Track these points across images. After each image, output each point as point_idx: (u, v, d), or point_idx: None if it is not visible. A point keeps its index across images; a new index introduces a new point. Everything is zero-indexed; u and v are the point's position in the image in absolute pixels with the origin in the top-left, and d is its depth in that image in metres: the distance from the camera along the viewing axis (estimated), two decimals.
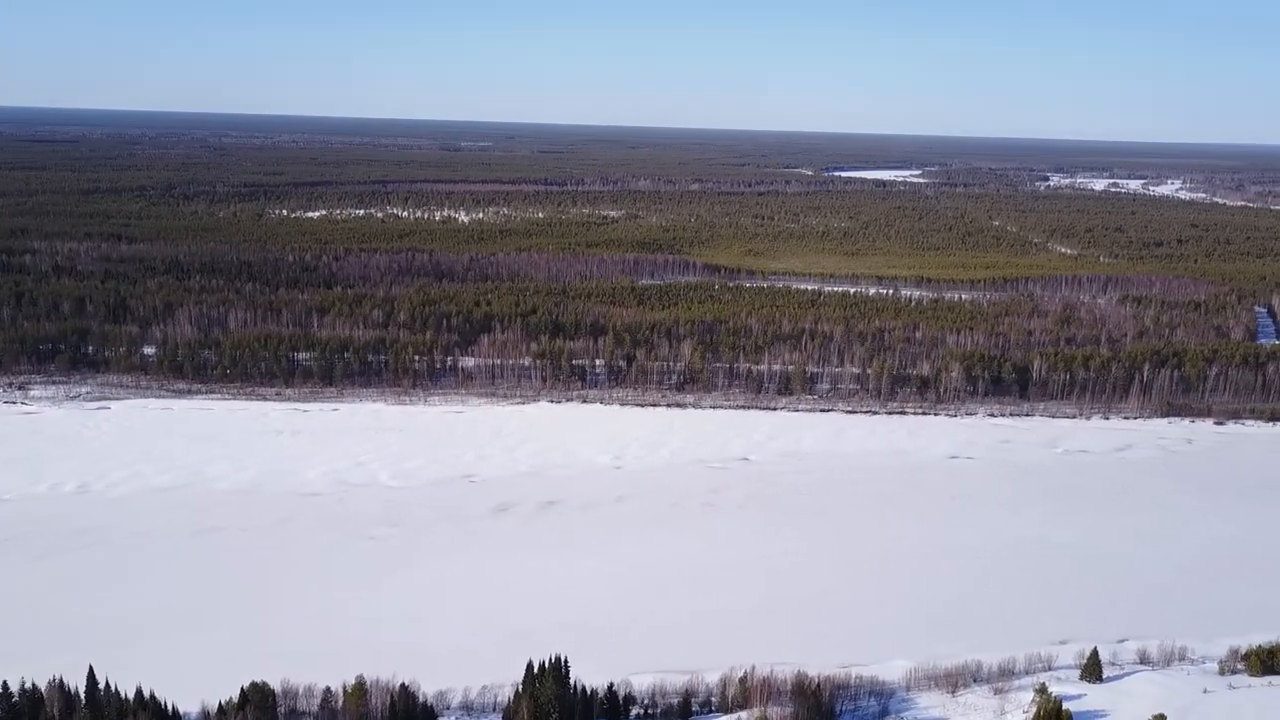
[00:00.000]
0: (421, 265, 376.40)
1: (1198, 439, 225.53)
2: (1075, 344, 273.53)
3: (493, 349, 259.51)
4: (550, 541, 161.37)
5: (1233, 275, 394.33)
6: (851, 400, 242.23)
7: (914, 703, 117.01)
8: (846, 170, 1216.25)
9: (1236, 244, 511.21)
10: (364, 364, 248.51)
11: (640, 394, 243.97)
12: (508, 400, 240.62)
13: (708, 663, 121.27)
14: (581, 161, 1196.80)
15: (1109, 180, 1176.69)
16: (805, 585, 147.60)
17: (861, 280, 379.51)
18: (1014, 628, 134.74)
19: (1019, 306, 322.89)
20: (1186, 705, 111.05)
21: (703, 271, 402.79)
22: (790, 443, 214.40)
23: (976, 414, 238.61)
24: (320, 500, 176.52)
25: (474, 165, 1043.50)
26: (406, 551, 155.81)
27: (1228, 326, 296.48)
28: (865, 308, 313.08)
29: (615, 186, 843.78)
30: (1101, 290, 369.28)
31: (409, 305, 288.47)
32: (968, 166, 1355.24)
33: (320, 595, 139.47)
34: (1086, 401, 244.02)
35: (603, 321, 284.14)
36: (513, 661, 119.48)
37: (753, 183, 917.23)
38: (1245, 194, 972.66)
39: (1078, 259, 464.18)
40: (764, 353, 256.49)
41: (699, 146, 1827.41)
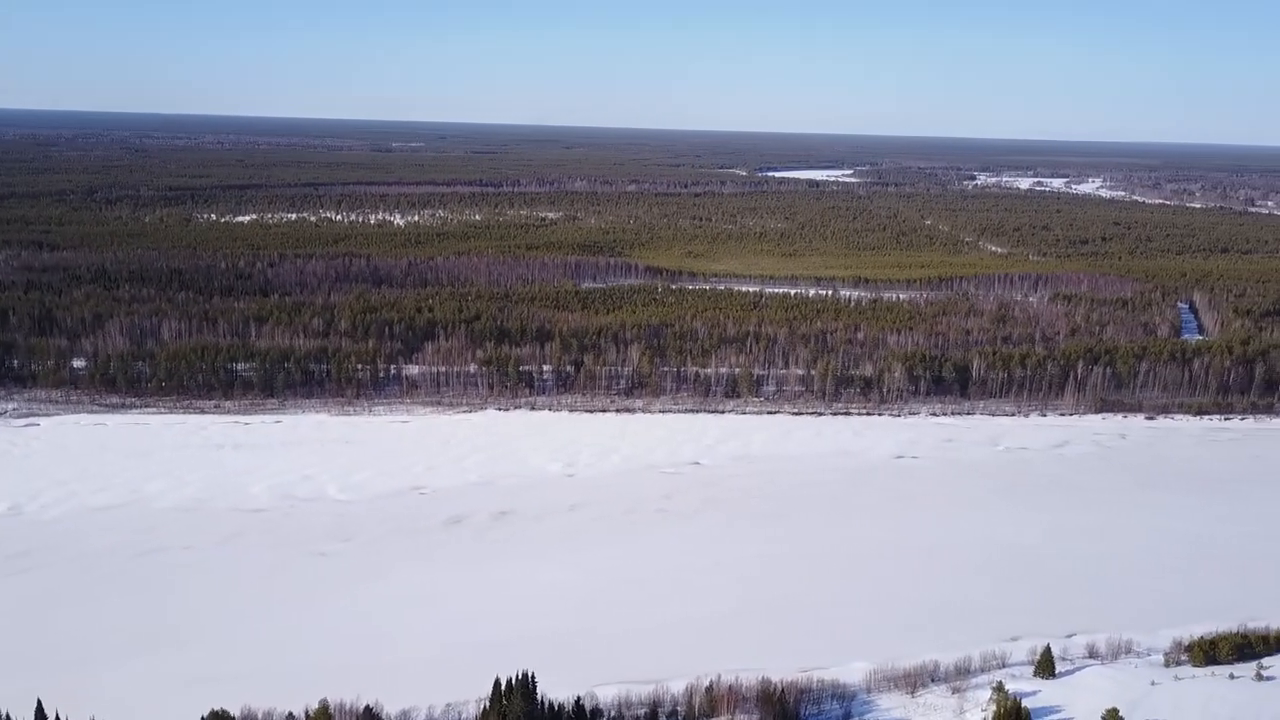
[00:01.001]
0: (359, 271, 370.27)
1: (1131, 434, 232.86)
2: (1012, 343, 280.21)
3: (437, 357, 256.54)
4: (506, 553, 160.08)
5: (1155, 272, 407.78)
6: (797, 402, 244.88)
7: (875, 704, 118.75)
8: (780, 170, 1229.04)
9: (1157, 241, 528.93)
10: (306, 374, 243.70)
11: (589, 400, 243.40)
12: (454, 409, 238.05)
13: (671, 671, 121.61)
14: (516, 162, 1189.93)
15: (1033, 179, 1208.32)
16: (763, 590, 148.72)
17: (801, 281, 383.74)
18: (967, 626, 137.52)
19: (955, 306, 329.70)
20: (1136, 698, 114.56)
21: (645, 274, 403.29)
22: (740, 446, 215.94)
23: (919, 413, 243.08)
24: (267, 516, 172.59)
25: (407, 166, 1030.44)
26: (360, 567, 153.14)
27: (1154, 323, 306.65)
28: (806, 309, 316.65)
29: (552, 188, 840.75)
30: (1033, 288, 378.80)
31: (350, 313, 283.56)
32: (898, 166, 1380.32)
33: (274, 615, 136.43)
34: (1025, 399, 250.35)
35: (548, 326, 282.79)
36: (477, 677, 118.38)
37: (689, 183, 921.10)
38: (1162, 192, 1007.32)
39: (1008, 257, 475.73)
40: (711, 356, 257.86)
41: (634, 146, 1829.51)
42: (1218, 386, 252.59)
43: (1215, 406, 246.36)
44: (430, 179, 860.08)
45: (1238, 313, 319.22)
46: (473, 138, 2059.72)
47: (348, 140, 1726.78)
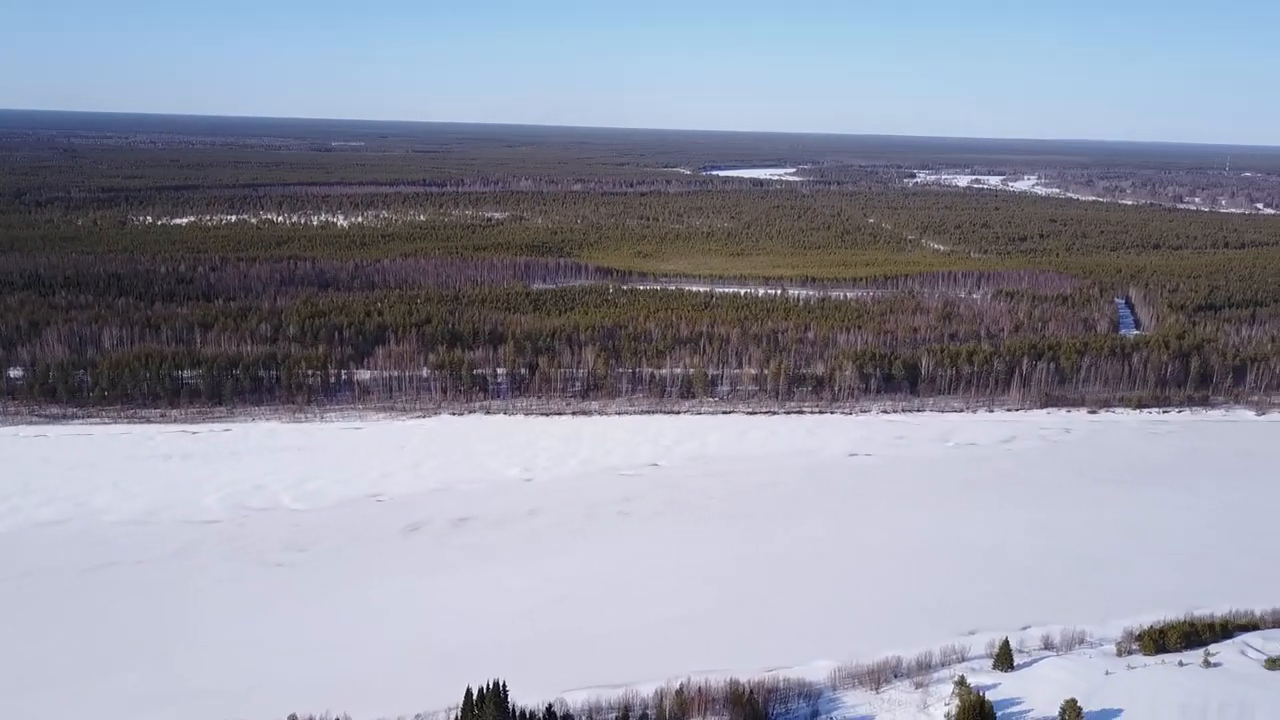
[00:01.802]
0: (305, 274, 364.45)
1: (1075, 428, 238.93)
2: (958, 340, 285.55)
3: (389, 361, 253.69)
4: (467, 560, 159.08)
5: (1092, 269, 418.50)
6: (751, 401, 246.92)
7: (841, 701, 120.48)
8: (723, 169, 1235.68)
9: (1092, 238, 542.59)
10: (254, 381, 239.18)
11: (544, 403, 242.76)
12: (408, 414, 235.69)
13: (639, 675, 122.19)
14: (459, 161, 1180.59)
15: (971, 177, 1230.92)
16: (725, 591, 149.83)
17: (750, 281, 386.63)
18: (927, 621, 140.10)
19: (902, 304, 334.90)
20: (1092, 688, 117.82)
21: (595, 274, 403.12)
22: (697, 446, 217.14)
23: (871, 411, 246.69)
24: (220, 527, 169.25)
25: (348, 166, 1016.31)
26: (320, 577, 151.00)
27: (1094, 319, 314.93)
28: (757, 309, 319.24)
29: (497, 187, 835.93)
30: (976, 286, 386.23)
31: (297, 317, 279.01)
32: (839, 164, 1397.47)
33: (233, 629, 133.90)
34: (972, 395, 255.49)
35: (501, 329, 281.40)
36: (445, 686, 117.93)
37: (634, 182, 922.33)
38: (1095, 189, 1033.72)
39: (950, 255, 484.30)
40: (665, 357, 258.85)
41: (578, 145, 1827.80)
42: (1156, 380, 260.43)
43: (1154, 400, 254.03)
44: (373, 179, 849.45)
45: (1172, 308, 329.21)
46: (414, 136, 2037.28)
47: (286, 139, 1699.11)
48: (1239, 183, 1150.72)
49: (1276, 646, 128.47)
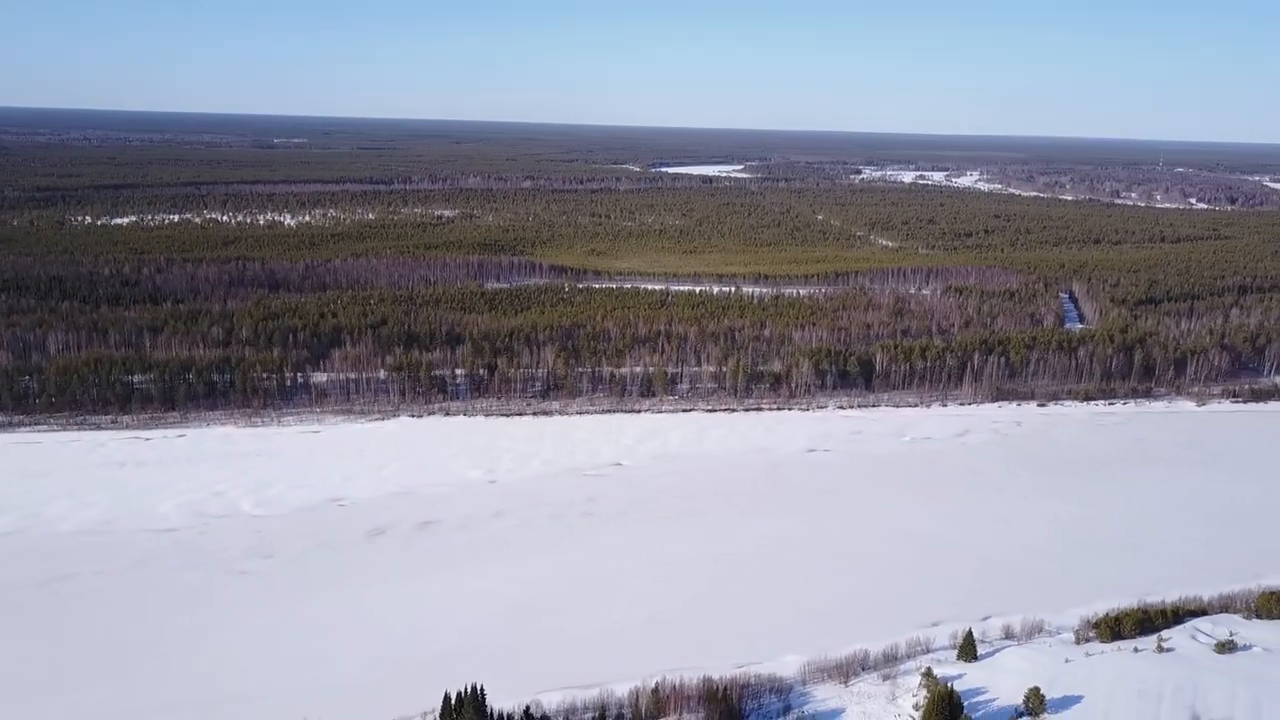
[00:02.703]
0: (254, 275, 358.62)
1: (1025, 421, 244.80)
2: (910, 336, 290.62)
3: (345, 363, 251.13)
4: (434, 564, 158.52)
5: (1037, 264, 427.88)
6: (711, 399, 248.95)
7: (811, 695, 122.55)
8: (672, 166, 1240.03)
9: (1035, 233, 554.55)
10: (208, 385, 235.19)
11: (505, 403, 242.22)
12: (366, 417, 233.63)
13: (612, 675, 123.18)
14: (406, 158, 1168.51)
15: (916, 173, 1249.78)
16: (693, 589, 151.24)
17: (704, 279, 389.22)
18: (891, 614, 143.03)
19: (854, 300, 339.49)
20: (1053, 676, 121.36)
21: (549, 273, 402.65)
22: (659, 445, 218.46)
23: (827, 407, 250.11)
24: (180, 535, 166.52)
25: (292, 164, 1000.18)
26: (284, 585, 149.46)
27: (1040, 313, 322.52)
28: (713, 307, 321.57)
29: (445, 185, 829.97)
30: (925, 281, 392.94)
31: (250, 320, 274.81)
32: (786, 161, 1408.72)
33: (199, 640, 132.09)
34: (926, 390, 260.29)
35: (458, 329, 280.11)
36: (419, 692, 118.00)
37: (584, 179, 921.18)
38: (1035, 185, 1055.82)
39: (899, 251, 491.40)
40: (624, 356, 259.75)
41: (525, 142, 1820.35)
42: (1102, 373, 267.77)
43: (1100, 392, 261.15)
44: (318, 177, 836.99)
45: (1114, 302, 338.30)
46: (357, 133, 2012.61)
47: (226, 136, 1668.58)
48: (1173, 178, 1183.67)
49: (1225, 631, 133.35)
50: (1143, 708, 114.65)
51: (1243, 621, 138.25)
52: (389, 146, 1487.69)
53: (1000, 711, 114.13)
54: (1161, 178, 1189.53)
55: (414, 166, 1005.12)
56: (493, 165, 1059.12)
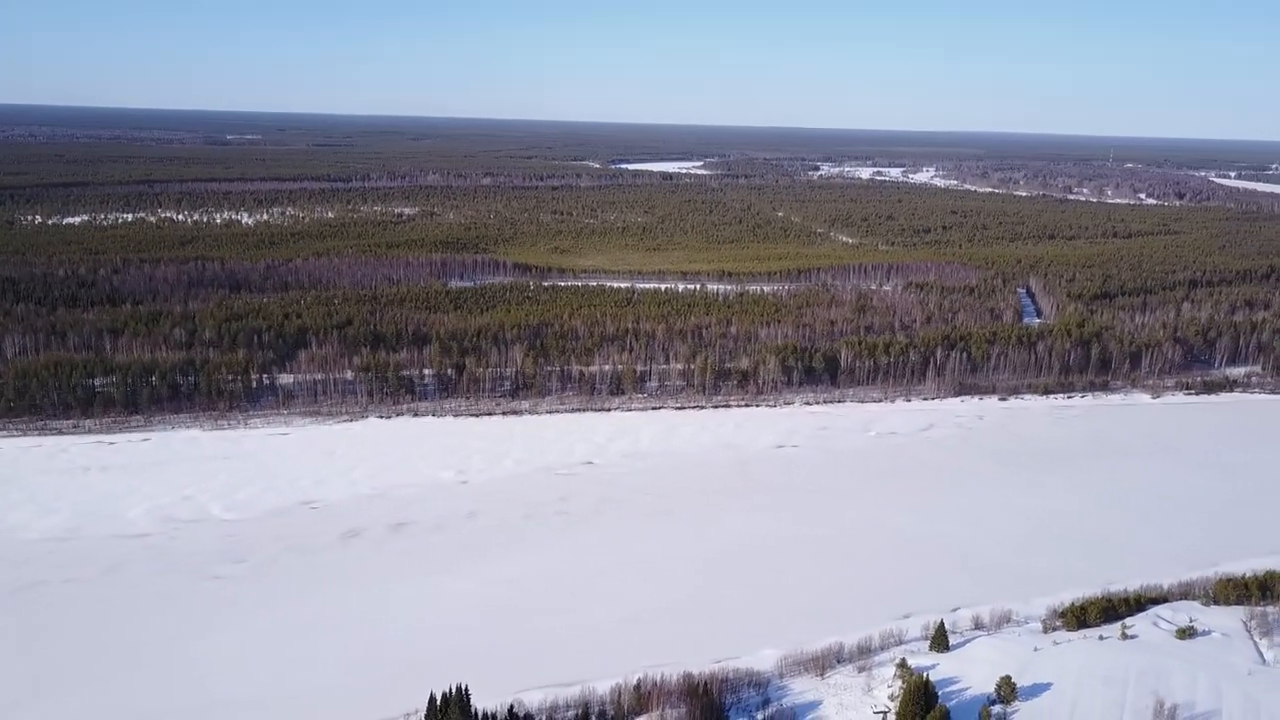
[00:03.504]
0: (214, 275, 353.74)
1: (987, 415, 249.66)
2: (873, 332, 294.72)
3: (312, 365, 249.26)
4: (410, 565, 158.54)
5: (994, 259, 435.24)
6: (680, 396, 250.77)
7: (789, 688, 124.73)
8: (632, 163, 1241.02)
9: (992, 229, 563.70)
10: (172, 388, 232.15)
11: (474, 403, 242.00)
12: (334, 418, 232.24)
13: (592, 673, 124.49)
14: (364, 155, 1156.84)
15: (873, 169, 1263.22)
16: (668, 586, 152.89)
17: (668, 276, 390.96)
18: (864, 607, 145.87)
19: (817, 297, 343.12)
20: (1023, 665, 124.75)
21: (513, 271, 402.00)
22: (630, 443, 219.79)
23: (794, 403, 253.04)
24: (150, 541, 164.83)
25: (247, 161, 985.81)
26: (259, 589, 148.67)
27: (999, 309, 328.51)
28: (679, 304, 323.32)
29: (404, 182, 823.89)
30: (885, 277, 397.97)
31: (213, 321, 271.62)
32: (745, 157, 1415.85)
33: (173, 647, 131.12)
34: (890, 385, 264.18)
35: (424, 329, 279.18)
36: (400, 695, 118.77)
37: (544, 176, 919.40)
38: (990, 180, 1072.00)
39: (859, 248, 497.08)
40: (593, 354, 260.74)
41: (484, 138, 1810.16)
42: (1060, 367, 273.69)
43: (1059, 386, 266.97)
44: (275, 175, 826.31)
45: (1070, 296, 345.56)
46: (312, 129, 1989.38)
47: (178, 132, 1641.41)
48: (1123, 174, 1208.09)
49: (1185, 618, 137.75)
50: (1109, 694, 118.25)
51: (1201, 608, 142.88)
52: (346, 143, 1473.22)
53: (973, 700, 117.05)
54: (1112, 173, 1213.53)
55: (372, 164, 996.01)
56: (452, 162, 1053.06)
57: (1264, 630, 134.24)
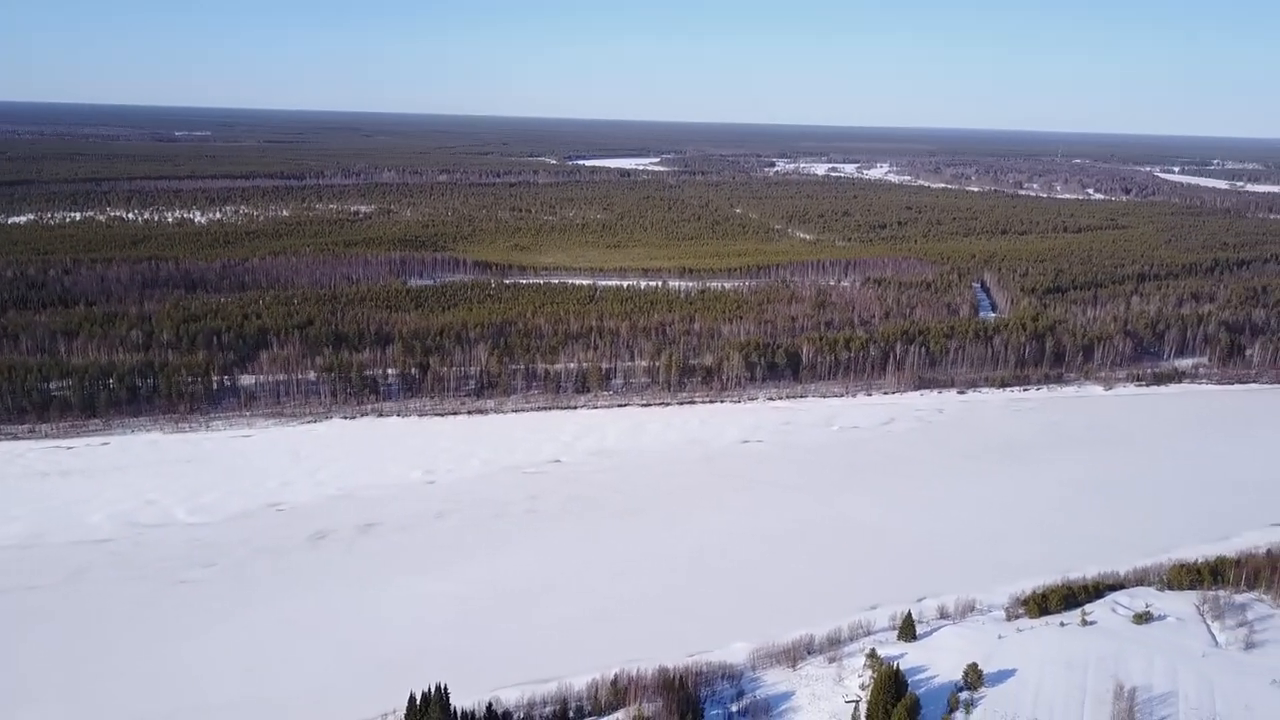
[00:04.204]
0: (169, 276, 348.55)
1: (946, 408, 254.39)
2: (833, 327, 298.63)
3: (274, 366, 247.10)
4: (381, 566, 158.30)
5: (949, 254, 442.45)
6: (645, 394, 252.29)
7: (762, 680, 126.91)
8: (589, 159, 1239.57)
9: (946, 224, 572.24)
10: (131, 391, 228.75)
11: (438, 403, 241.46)
12: (298, 420, 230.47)
13: (567, 669, 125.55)
14: (316, 152, 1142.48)
15: (828, 165, 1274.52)
16: (639, 582, 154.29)
17: (629, 273, 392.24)
18: (832, 599, 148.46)
19: (778, 294, 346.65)
20: (988, 652, 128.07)
21: (474, 269, 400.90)
22: (596, 441, 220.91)
23: (758, 399, 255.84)
24: (114, 546, 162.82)
25: (197, 158, 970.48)
26: (229, 593, 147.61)
27: (956, 303, 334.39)
28: (641, 302, 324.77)
29: (359, 179, 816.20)
30: (844, 273, 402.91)
31: (170, 322, 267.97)
32: (702, 154, 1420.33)
33: (143, 654, 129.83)
34: (851, 380, 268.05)
35: (386, 328, 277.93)
36: (377, 696, 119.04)
37: (501, 173, 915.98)
38: (943, 176, 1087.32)
39: (817, 244, 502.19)
40: (558, 352, 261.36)
41: (437, 134, 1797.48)
42: (1016, 361, 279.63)
43: (1015, 379, 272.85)
44: (226, 172, 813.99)
45: (1024, 291, 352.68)
46: (262, 125, 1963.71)
47: (123, 129, 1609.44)
48: (1071, 170, 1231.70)
49: (1141, 603, 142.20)
50: (1071, 677, 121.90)
51: (1156, 594, 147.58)
52: (297, 140, 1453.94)
53: (942, 688, 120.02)
54: (1060, 169, 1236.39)
55: (325, 161, 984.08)
56: (406, 159, 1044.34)
57: (1216, 614, 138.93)
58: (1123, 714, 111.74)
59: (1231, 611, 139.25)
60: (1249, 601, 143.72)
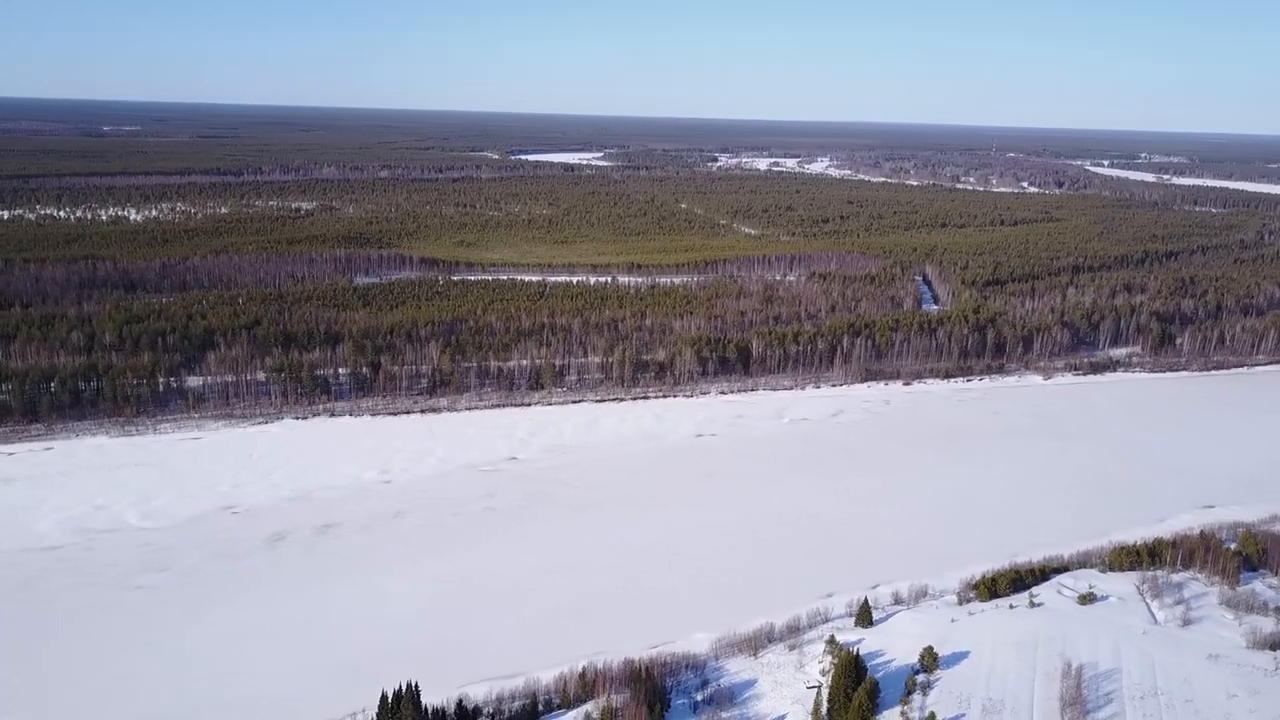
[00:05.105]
0: (107, 276, 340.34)
1: (893, 399, 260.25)
2: (782, 321, 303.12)
3: (222, 367, 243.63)
4: (341, 567, 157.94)
5: (891, 248, 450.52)
6: (599, 389, 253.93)
7: (725, 669, 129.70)
8: (532, 154, 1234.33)
9: (887, 218, 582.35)
10: (74, 395, 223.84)
11: (391, 402, 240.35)
12: (249, 421, 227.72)
13: (533, 664, 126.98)
14: (253, 147, 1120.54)
15: (770, 160, 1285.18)
16: (599, 577, 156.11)
17: (578, 269, 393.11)
18: (790, 588, 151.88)
19: (726, 289, 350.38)
20: (942, 635, 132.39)
21: (420, 266, 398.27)
22: (552, 438, 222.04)
23: (710, 393, 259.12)
24: (64, 553, 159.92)
25: (129, 154, 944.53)
26: (186, 598, 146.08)
27: (900, 296, 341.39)
28: (592, 298, 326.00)
29: (299, 175, 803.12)
30: (789, 268, 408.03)
31: (112, 324, 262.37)
32: (645, 149, 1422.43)
33: (104, 661, 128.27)
34: (800, 373, 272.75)
35: (335, 327, 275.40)
36: (344, 697, 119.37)
37: (443, 168, 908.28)
38: (882, 170, 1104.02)
39: (762, 239, 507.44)
40: (511, 350, 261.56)
41: (377, 129, 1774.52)
42: (959, 352, 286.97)
43: (958, 370, 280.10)
44: (159, 168, 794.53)
45: (965, 283, 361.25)
46: (194, 120, 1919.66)
47: (48, 123, 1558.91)
48: (1006, 163, 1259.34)
49: (1085, 585, 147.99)
50: (1021, 657, 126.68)
51: (1099, 575, 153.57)
52: (231, 134, 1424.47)
53: (899, 671, 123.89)
54: (996, 163, 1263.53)
55: (262, 156, 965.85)
56: (346, 154, 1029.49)
57: (1155, 593, 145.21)
58: (1071, 690, 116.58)
59: (1169, 590, 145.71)
60: (1184, 580, 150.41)
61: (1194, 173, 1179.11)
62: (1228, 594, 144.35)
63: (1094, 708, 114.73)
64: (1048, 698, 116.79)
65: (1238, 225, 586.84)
